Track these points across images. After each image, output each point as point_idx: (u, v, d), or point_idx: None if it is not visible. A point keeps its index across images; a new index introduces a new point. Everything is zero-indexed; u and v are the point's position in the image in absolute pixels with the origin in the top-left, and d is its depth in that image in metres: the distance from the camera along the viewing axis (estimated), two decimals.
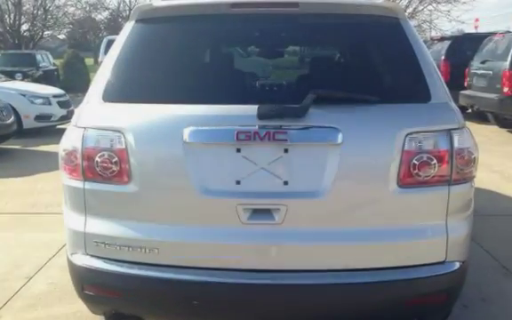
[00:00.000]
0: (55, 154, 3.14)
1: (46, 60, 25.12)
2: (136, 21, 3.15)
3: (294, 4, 3.04)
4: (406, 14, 3.32)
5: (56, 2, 34.67)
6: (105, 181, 2.82)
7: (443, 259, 2.82)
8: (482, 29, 29.02)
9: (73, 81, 21.00)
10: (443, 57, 14.57)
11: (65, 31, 45.61)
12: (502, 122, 12.48)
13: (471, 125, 4.29)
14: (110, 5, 46.61)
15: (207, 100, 2.81)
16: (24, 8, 33.11)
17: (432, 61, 3.05)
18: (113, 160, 2.78)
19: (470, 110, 13.16)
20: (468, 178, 2.86)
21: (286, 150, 2.69)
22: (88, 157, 2.81)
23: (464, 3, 26.15)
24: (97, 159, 2.79)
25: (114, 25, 45.39)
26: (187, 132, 2.69)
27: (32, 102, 11.77)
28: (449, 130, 2.77)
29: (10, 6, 32.06)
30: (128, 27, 3.17)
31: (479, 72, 12.85)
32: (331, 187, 2.68)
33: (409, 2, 26.50)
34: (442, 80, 2.99)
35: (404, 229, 2.79)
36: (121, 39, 3.12)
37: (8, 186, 7.58)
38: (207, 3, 3.20)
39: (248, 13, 3.12)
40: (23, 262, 4.75)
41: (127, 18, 3.79)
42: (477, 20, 30.85)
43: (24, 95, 11.83)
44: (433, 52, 13.88)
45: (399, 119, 2.77)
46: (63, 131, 3.12)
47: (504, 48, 12.24)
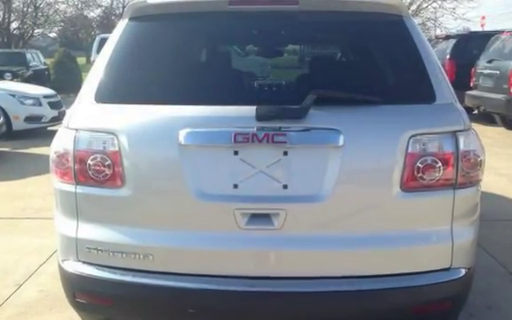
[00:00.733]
0: (46, 156, 3.14)
1: (37, 60, 25.12)
2: (130, 19, 3.15)
3: (294, 1, 3.04)
4: (410, 12, 3.33)
5: None
6: (97, 185, 2.81)
7: (448, 265, 2.83)
8: (488, 27, 29.06)
9: (64, 81, 20.98)
10: (448, 56, 14.58)
11: (56, 29, 45.71)
12: (509, 123, 12.52)
13: (477, 127, 4.30)
14: (103, 3, 46.60)
15: (203, 101, 2.81)
16: (14, 5, 33.18)
17: (437, 60, 3.05)
18: (106, 163, 2.78)
19: (476, 111, 13.18)
20: (474, 181, 2.86)
21: (286, 153, 2.69)
22: (80, 160, 2.81)
23: (470, 0, 26.24)
24: (89, 162, 2.79)
25: (107, 23, 45.45)
26: (182, 134, 2.69)
27: (22, 103, 11.74)
28: (454, 131, 2.77)
29: None
30: (121, 25, 3.17)
31: (486, 72, 12.87)
32: (332, 191, 2.68)
33: None
34: (447, 80, 2.99)
35: (408, 235, 2.79)
36: (114, 38, 3.12)
37: None
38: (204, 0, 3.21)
39: (246, 11, 3.12)
40: (13, 269, 4.73)
41: (120, 16, 3.80)
42: (484, 18, 30.88)
43: (13, 95, 11.81)
44: (438, 51, 13.89)
45: (403, 120, 2.77)
46: (54, 132, 3.12)
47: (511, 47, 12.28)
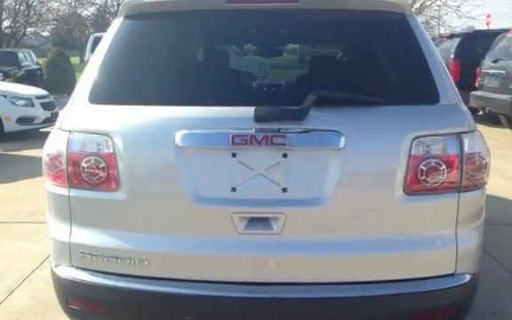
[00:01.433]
0: (38, 159, 3.14)
1: (29, 59, 25.10)
2: (125, 17, 3.16)
3: None
4: (413, 10, 3.34)
5: None
6: (91, 188, 2.81)
7: (452, 271, 2.83)
8: (494, 26, 29.08)
9: (57, 81, 20.97)
10: (452, 55, 14.60)
11: (49, 28, 45.68)
12: None
13: (482, 128, 4.30)
14: (97, 0, 46.60)
15: (201, 102, 2.81)
16: (5, 3, 33.15)
17: (441, 60, 3.06)
18: (100, 165, 2.78)
19: (481, 112, 13.19)
20: (479, 184, 2.86)
21: (285, 155, 2.69)
22: (73, 163, 2.81)
23: None
24: (83, 164, 2.79)
25: (101, 21, 45.44)
26: (179, 136, 2.69)
27: (14, 104, 11.74)
28: (459, 133, 2.77)
29: None
30: (116, 23, 3.17)
31: (491, 71, 12.88)
32: (332, 194, 2.68)
33: None
34: (451, 80, 3.00)
35: (411, 239, 2.79)
36: (109, 36, 3.12)
37: None
38: None
39: (244, 9, 3.12)
40: (4, 274, 4.73)
41: (115, 14, 3.81)
42: (489, 16, 30.93)
43: (5, 96, 11.80)
44: (441, 51, 13.91)
45: (405, 122, 2.78)
46: (47, 134, 3.12)
47: None
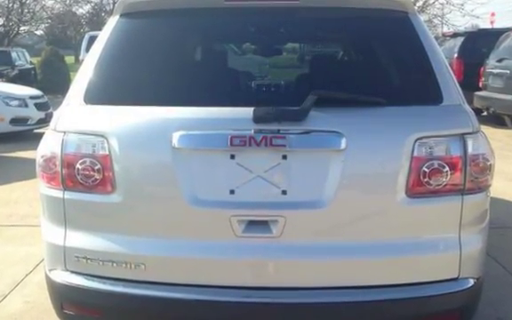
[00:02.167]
0: (32, 160, 3.14)
1: (22, 58, 25.11)
2: (121, 16, 3.16)
3: None
4: (416, 8, 3.34)
5: None
6: (87, 191, 2.82)
7: (456, 275, 2.83)
8: (498, 25, 29.11)
9: (52, 81, 20.96)
10: (455, 55, 14.60)
11: (43, 27, 45.61)
12: None
13: (486, 129, 4.30)
14: None
15: (198, 102, 2.81)
16: None
17: (444, 59, 3.07)
18: (95, 167, 2.78)
19: (486, 113, 13.19)
20: (484, 187, 2.86)
21: (285, 157, 2.69)
22: (68, 164, 2.81)
23: None
24: (78, 166, 2.79)
25: (96, 20, 45.49)
26: (176, 137, 2.70)
27: (7, 104, 11.73)
28: (462, 134, 2.77)
29: None
30: (112, 22, 3.18)
31: (495, 71, 12.89)
32: (333, 196, 2.69)
33: None
34: (454, 80, 3.00)
35: (414, 243, 2.79)
36: (104, 35, 3.13)
37: None
38: None
39: (243, 7, 3.13)
40: None
41: (111, 12, 3.81)
42: (493, 15, 31.01)
43: None
44: (445, 50, 13.93)
45: (408, 123, 2.78)
46: (41, 135, 3.13)
47: None
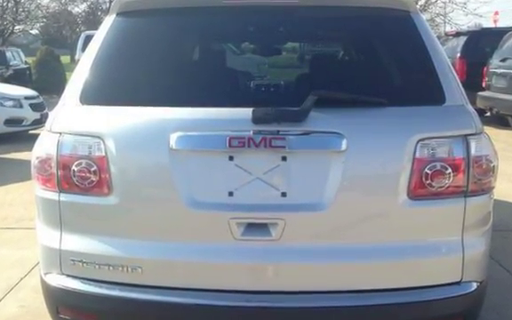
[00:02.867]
0: (27, 162, 3.14)
1: (17, 58, 25.11)
2: (117, 14, 3.16)
3: None
4: (418, 7, 3.36)
5: None
6: (83, 193, 2.82)
7: (458, 279, 2.83)
8: (502, 24, 29.15)
9: (47, 81, 20.95)
10: (458, 54, 14.61)
11: (38, 26, 45.63)
12: None
13: (490, 130, 4.31)
14: None
15: (196, 103, 2.82)
16: None
17: (446, 59, 3.07)
18: (91, 169, 2.78)
19: (489, 113, 13.21)
20: (487, 189, 2.87)
21: (284, 158, 2.69)
22: (64, 166, 2.81)
23: None
24: (74, 168, 2.79)
25: (92, 19, 45.48)
26: (173, 138, 2.70)
27: (1, 105, 11.73)
28: (465, 135, 2.78)
29: None
30: (108, 21, 3.18)
31: (499, 71, 12.89)
32: (333, 199, 2.69)
33: None
34: (457, 80, 3.01)
35: (415, 246, 2.80)
36: (100, 34, 3.13)
37: None
38: None
39: (242, 6, 3.13)
40: None
41: (107, 11, 3.81)
42: (497, 14, 31.05)
43: None
44: (447, 49, 13.93)
45: (410, 124, 2.78)
46: (36, 136, 3.13)
47: None
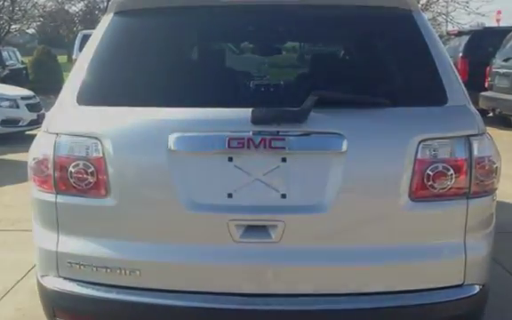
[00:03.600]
0: (24, 163, 3.15)
1: (14, 58, 25.18)
2: (115, 14, 3.18)
3: None
4: (420, 6, 3.36)
5: None
6: (80, 194, 2.83)
7: (460, 281, 2.84)
8: (504, 23, 29.16)
9: (44, 81, 20.98)
10: (460, 54, 14.64)
11: (35, 25, 45.66)
12: None
13: (492, 131, 4.31)
14: None
15: (195, 103, 2.84)
16: None
17: (449, 59, 3.08)
18: (89, 170, 2.80)
19: (492, 114, 13.23)
20: (489, 190, 2.88)
21: (284, 159, 2.71)
22: (61, 167, 2.83)
23: None
24: (71, 169, 2.81)
25: (90, 18, 45.54)
26: (172, 139, 2.71)
27: None
28: (467, 136, 2.79)
29: None
30: (106, 20, 3.19)
31: (501, 71, 12.92)
32: (334, 200, 2.70)
33: None
34: (460, 80, 3.02)
35: (417, 248, 2.81)
36: (98, 34, 3.14)
37: None
38: None
39: (241, 4, 3.15)
40: None
41: (105, 10, 3.82)
42: (500, 13, 31.02)
43: None
44: (449, 49, 13.96)
45: (411, 124, 2.80)
46: (33, 137, 3.14)
47: None
